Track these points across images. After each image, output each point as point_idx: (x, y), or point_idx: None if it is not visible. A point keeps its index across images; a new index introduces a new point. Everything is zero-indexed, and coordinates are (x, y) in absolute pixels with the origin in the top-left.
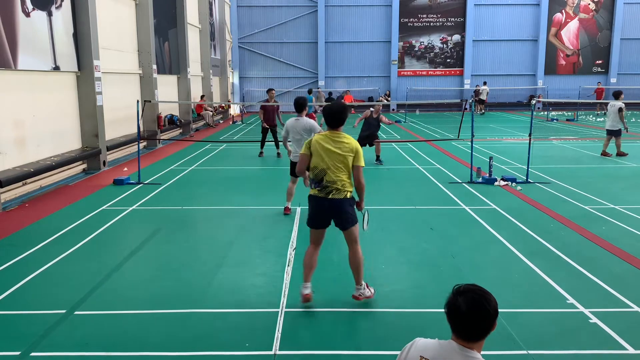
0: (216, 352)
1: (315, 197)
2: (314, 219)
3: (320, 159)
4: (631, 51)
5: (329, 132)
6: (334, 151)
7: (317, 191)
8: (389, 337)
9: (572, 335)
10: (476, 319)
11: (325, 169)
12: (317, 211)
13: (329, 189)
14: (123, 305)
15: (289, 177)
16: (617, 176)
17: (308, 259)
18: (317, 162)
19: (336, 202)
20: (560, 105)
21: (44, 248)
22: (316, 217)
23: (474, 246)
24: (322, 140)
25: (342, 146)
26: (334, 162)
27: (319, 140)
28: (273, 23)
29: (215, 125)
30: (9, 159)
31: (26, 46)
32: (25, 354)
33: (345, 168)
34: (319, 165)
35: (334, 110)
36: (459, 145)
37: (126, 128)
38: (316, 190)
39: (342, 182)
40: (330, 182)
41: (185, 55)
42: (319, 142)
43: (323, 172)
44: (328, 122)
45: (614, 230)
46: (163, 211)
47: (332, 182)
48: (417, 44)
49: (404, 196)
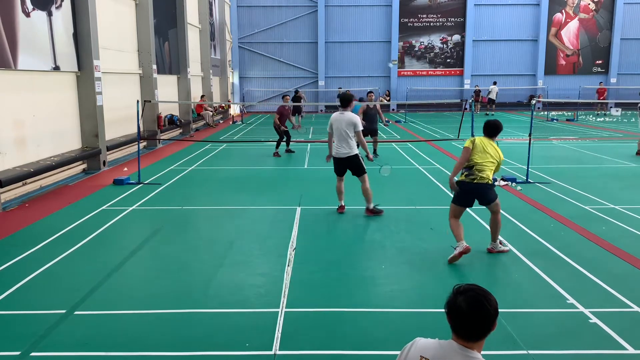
0: (216, 352)
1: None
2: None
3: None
4: (631, 51)
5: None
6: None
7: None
8: (389, 337)
9: (572, 335)
10: (477, 318)
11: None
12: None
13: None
14: (123, 305)
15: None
16: (617, 176)
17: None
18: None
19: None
20: (560, 105)
21: (44, 248)
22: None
23: (474, 246)
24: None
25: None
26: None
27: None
28: (273, 23)
29: (215, 125)
30: (9, 159)
31: (26, 46)
32: (25, 354)
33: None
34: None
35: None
36: (459, 145)
37: (126, 128)
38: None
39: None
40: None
41: (185, 55)
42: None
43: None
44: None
45: (614, 230)
46: (163, 211)
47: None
48: (417, 44)
49: (404, 196)
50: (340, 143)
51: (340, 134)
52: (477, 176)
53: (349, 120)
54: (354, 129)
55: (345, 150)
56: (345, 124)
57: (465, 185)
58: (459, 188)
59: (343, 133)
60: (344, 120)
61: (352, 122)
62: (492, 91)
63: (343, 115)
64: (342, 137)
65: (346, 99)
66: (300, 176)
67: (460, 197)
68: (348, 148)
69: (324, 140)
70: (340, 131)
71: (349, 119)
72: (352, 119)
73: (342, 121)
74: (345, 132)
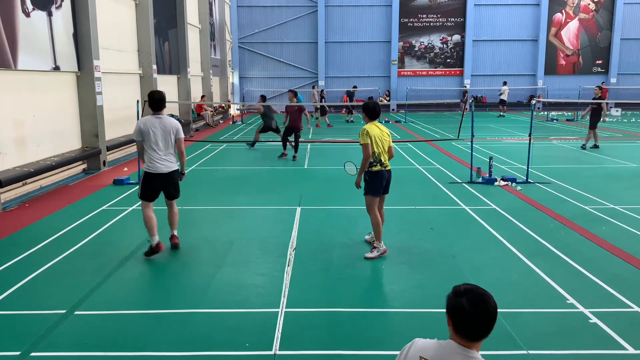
0: (216, 352)
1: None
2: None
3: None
4: (631, 51)
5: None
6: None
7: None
8: (389, 337)
9: (572, 335)
10: (481, 318)
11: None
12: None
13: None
14: (123, 305)
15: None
16: (617, 176)
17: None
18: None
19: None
20: (560, 105)
21: (44, 248)
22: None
23: (474, 246)
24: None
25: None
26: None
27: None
28: (273, 23)
29: (215, 125)
30: (9, 159)
31: (26, 46)
32: (25, 354)
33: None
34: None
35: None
36: (459, 145)
37: (126, 128)
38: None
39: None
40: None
41: (185, 55)
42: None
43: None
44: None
45: (614, 230)
46: (163, 211)
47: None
48: (417, 44)
49: (404, 196)
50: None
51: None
52: (386, 164)
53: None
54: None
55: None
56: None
57: (382, 174)
58: (379, 178)
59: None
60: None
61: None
62: (505, 92)
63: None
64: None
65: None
66: (300, 176)
67: (377, 188)
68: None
69: (323, 140)
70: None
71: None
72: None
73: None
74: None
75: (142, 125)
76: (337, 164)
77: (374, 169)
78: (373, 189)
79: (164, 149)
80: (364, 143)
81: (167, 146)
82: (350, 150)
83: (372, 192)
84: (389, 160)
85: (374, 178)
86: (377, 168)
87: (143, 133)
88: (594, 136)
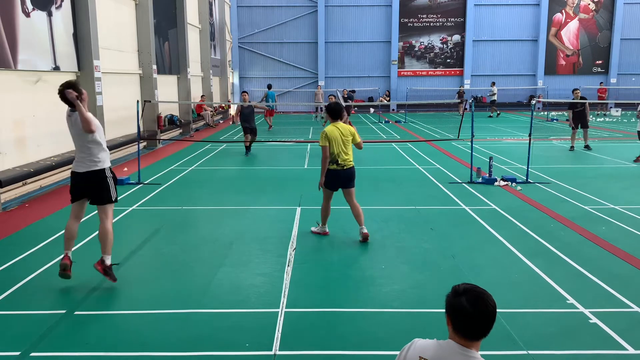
0: (216, 352)
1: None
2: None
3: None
4: (631, 51)
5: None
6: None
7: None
8: (389, 337)
9: (572, 335)
10: (482, 318)
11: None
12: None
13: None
14: (123, 305)
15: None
16: (617, 176)
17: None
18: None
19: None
20: (560, 105)
21: (44, 248)
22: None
23: (474, 246)
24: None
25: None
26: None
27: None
28: (273, 23)
29: (215, 125)
30: (9, 159)
31: (26, 46)
32: (25, 354)
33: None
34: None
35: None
36: (459, 145)
37: (126, 128)
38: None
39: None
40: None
41: (185, 55)
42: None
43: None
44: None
45: (614, 230)
46: (163, 211)
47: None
48: (417, 44)
49: (404, 196)
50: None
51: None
52: (344, 164)
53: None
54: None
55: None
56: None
57: (337, 172)
58: (332, 176)
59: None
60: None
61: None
62: (494, 92)
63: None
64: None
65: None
66: (300, 176)
67: (332, 184)
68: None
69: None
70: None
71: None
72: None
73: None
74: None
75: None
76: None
77: (330, 167)
78: (328, 184)
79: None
80: (323, 145)
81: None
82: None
83: (326, 186)
84: (361, 149)
85: (329, 176)
86: (332, 167)
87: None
88: (575, 135)
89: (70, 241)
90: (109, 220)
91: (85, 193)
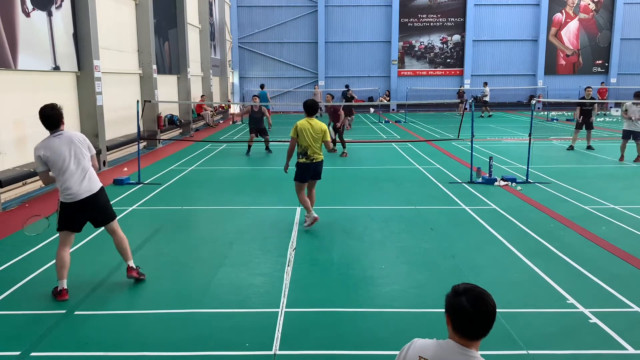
0: (216, 352)
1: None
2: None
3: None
4: (631, 51)
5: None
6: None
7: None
8: (389, 337)
9: (572, 335)
10: (482, 317)
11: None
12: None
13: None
14: (123, 305)
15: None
16: (617, 176)
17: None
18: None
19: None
20: (560, 105)
21: (44, 248)
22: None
23: (474, 246)
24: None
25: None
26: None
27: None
28: (273, 23)
29: (215, 125)
30: (9, 159)
31: (26, 46)
32: (25, 354)
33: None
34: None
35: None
36: (459, 145)
37: (126, 128)
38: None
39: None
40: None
41: (185, 55)
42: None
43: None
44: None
45: (614, 230)
46: (163, 211)
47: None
48: (417, 44)
49: (404, 196)
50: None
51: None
52: (313, 157)
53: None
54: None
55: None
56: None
57: (306, 165)
58: (302, 169)
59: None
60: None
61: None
62: (487, 93)
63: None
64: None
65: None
66: None
67: (302, 176)
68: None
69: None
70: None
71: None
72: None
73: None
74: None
75: (42, 153)
76: (336, 164)
77: (300, 160)
78: (298, 177)
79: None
80: (292, 136)
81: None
82: (351, 152)
83: (298, 179)
84: (329, 149)
85: (299, 168)
86: (302, 160)
87: (48, 161)
88: (577, 135)
89: (63, 270)
90: (119, 229)
91: (88, 219)
